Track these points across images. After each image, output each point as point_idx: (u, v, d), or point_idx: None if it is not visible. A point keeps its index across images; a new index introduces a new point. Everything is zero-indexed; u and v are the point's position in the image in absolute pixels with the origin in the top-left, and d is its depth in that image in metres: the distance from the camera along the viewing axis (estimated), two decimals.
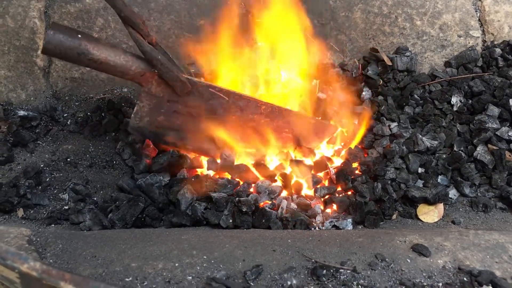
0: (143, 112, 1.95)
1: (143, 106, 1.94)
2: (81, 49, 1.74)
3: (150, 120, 1.97)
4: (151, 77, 1.88)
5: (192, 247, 1.45)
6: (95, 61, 1.78)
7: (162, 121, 1.97)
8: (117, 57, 1.81)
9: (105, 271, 1.34)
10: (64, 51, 1.73)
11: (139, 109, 1.95)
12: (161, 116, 1.96)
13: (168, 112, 1.96)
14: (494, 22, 2.46)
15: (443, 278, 1.35)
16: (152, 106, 1.94)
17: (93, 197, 2.00)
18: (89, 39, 1.77)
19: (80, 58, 1.76)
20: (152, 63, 1.84)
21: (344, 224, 1.82)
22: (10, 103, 2.29)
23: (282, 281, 1.32)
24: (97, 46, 1.77)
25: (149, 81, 1.89)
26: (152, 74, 1.87)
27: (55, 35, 1.71)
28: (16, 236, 1.51)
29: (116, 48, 1.83)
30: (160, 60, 1.83)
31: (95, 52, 1.76)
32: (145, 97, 1.93)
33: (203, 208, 1.83)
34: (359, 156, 2.09)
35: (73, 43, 1.73)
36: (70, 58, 1.77)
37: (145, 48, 1.80)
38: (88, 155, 2.18)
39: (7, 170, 2.08)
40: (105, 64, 1.79)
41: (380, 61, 2.39)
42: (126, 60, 1.82)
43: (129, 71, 1.84)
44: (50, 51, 1.74)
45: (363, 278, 1.33)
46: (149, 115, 1.96)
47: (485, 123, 2.10)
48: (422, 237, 1.51)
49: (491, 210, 1.94)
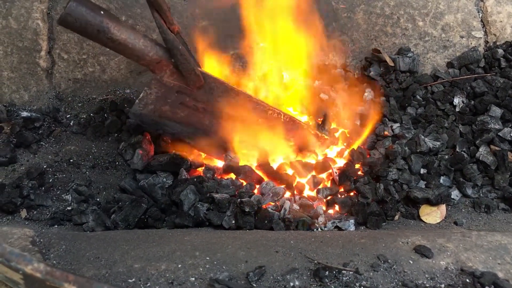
0: (149, 99, 1.93)
1: (150, 94, 1.93)
2: (102, 27, 1.68)
3: (154, 108, 1.95)
4: (166, 66, 1.86)
5: (195, 248, 1.46)
6: (113, 41, 1.73)
7: (166, 111, 1.96)
8: (137, 40, 1.77)
9: (109, 272, 1.34)
10: (84, 26, 1.66)
11: (145, 96, 1.93)
12: (166, 106, 1.95)
13: (174, 103, 1.95)
14: (496, 22, 2.45)
15: (445, 279, 1.35)
16: (159, 94, 1.92)
17: (96, 198, 2.00)
18: (112, 18, 1.72)
19: (99, 36, 1.71)
20: (171, 52, 1.82)
21: (347, 225, 1.82)
22: (13, 104, 2.30)
23: (285, 282, 1.32)
24: (118, 26, 1.72)
25: (163, 70, 1.87)
26: (167, 63, 1.86)
27: (78, 7, 1.64)
28: (20, 237, 1.52)
29: (136, 32, 1.80)
30: (180, 50, 1.81)
31: (115, 31, 1.71)
32: (155, 84, 1.91)
33: (206, 209, 1.83)
34: (361, 157, 2.09)
35: (94, 19, 1.67)
36: (89, 34, 1.71)
37: (168, 36, 1.78)
38: (91, 156, 2.18)
39: (10, 171, 2.09)
40: (123, 45, 1.76)
41: (382, 62, 2.39)
42: (145, 45, 1.79)
43: (146, 57, 1.81)
44: (69, 24, 1.66)
45: (366, 280, 1.33)
46: (154, 103, 1.94)
47: (488, 124, 2.10)
48: (425, 239, 1.51)
49: (493, 211, 1.94)
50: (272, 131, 2.05)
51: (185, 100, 1.95)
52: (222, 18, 2.35)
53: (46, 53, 2.32)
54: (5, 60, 2.28)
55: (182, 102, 1.95)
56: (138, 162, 2.03)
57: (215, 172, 2.02)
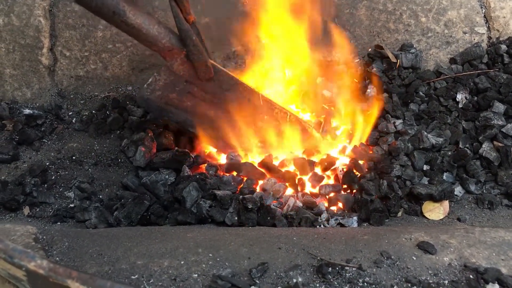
0: (157, 85, 1.94)
1: (159, 80, 1.93)
2: (119, 9, 1.69)
3: (161, 95, 1.96)
4: (177, 54, 1.87)
5: (198, 245, 1.45)
6: (127, 25, 1.74)
7: (173, 98, 1.96)
8: (151, 26, 1.78)
9: (111, 269, 1.34)
10: (100, 6, 1.67)
11: (153, 81, 1.94)
12: (174, 93, 1.96)
13: (182, 92, 1.95)
14: (499, 18, 2.44)
15: (449, 275, 1.34)
16: (168, 82, 1.93)
17: (98, 195, 2.01)
18: (128, 2, 1.73)
19: (114, 18, 1.71)
20: (185, 42, 1.83)
21: (350, 222, 1.81)
22: (16, 101, 2.30)
23: (288, 278, 1.32)
24: (134, 11, 1.73)
25: (174, 57, 1.88)
26: (179, 52, 1.86)
27: None
28: (23, 234, 1.52)
29: (152, 17, 1.81)
30: (194, 41, 1.82)
31: (130, 15, 1.72)
32: (164, 71, 1.92)
33: (208, 206, 1.83)
34: (365, 153, 2.08)
35: (112, 0, 1.67)
36: (104, 15, 1.71)
37: (183, 26, 1.78)
38: (93, 153, 2.18)
39: (12, 168, 2.09)
40: (137, 30, 1.76)
41: (385, 58, 2.38)
42: (159, 32, 1.80)
43: (159, 43, 1.82)
44: (86, 2, 1.67)
45: (369, 276, 1.33)
46: (162, 90, 1.95)
47: (491, 120, 2.09)
48: (428, 235, 1.50)
49: (496, 207, 1.93)
50: (276, 129, 2.05)
51: (193, 90, 1.95)
52: (224, 14, 2.34)
53: (48, 50, 2.31)
54: (7, 57, 2.28)
55: (190, 92, 1.95)
56: (141, 159, 2.03)
57: (217, 169, 2.02)
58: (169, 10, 2.34)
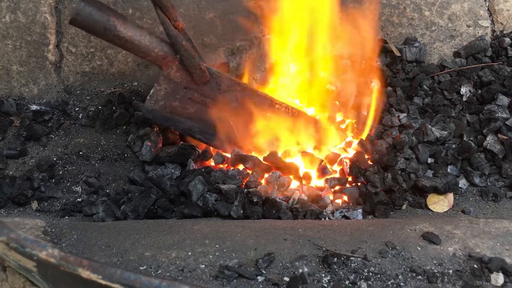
0: (159, 95, 1.97)
1: (160, 90, 1.96)
2: (109, 25, 1.76)
3: (165, 104, 1.99)
4: (172, 62, 1.90)
5: (204, 237, 1.47)
6: (119, 38, 1.80)
7: (176, 106, 1.99)
8: (142, 37, 1.83)
9: (120, 260, 1.36)
10: (92, 24, 1.75)
11: (155, 92, 1.97)
12: (176, 101, 1.99)
13: (183, 99, 1.98)
14: (503, 11, 2.45)
15: (453, 265, 1.36)
16: (168, 90, 1.96)
17: (105, 189, 2.03)
18: (118, 16, 1.79)
19: (106, 33, 1.78)
20: (175, 48, 1.86)
21: (354, 215, 1.83)
22: (23, 97, 2.32)
23: (294, 268, 1.33)
24: (124, 24, 1.79)
25: (169, 65, 1.91)
26: (173, 59, 1.90)
27: (86, 7, 1.73)
28: (32, 227, 1.54)
29: (142, 29, 1.86)
30: (184, 46, 1.85)
31: (121, 29, 1.78)
32: (163, 80, 1.95)
33: (214, 199, 1.84)
34: (370, 147, 2.09)
35: (101, 17, 1.75)
36: (97, 32, 1.79)
37: (171, 32, 1.82)
38: (100, 148, 2.20)
39: (20, 164, 2.11)
40: (129, 42, 1.82)
41: (389, 52, 2.39)
42: (151, 42, 1.85)
43: (152, 53, 1.86)
44: (78, 23, 1.76)
45: (374, 266, 1.34)
46: (164, 99, 1.98)
47: (495, 112, 2.10)
48: (432, 226, 1.52)
49: (501, 200, 1.94)
50: (280, 125, 2.06)
51: (193, 96, 1.99)
52: (228, 9, 2.36)
53: (54, 46, 2.34)
54: (14, 54, 2.30)
55: (190, 98, 1.99)
56: (147, 154, 2.05)
57: (224, 159, 2.04)
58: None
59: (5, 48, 2.30)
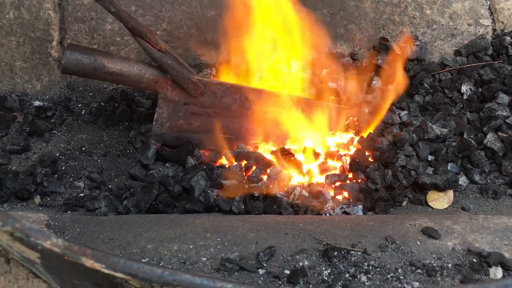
0: (163, 118, 2.02)
1: (162, 112, 2.01)
2: (97, 64, 1.85)
3: (171, 125, 2.03)
4: (165, 83, 1.96)
5: (206, 230, 1.49)
6: (110, 74, 1.88)
7: (182, 124, 2.04)
8: (131, 67, 1.90)
9: (122, 253, 1.38)
10: (82, 68, 1.85)
11: (159, 116, 2.02)
12: (180, 119, 2.03)
13: (186, 115, 2.03)
14: (504, 10, 2.46)
15: (452, 259, 1.37)
16: (170, 111, 2.01)
17: (108, 184, 2.04)
18: (103, 54, 1.89)
19: (97, 73, 1.87)
20: (163, 68, 1.92)
21: (355, 211, 1.84)
22: (26, 93, 2.34)
23: (294, 262, 1.35)
24: (111, 60, 1.88)
25: (164, 87, 1.97)
26: (165, 80, 1.95)
27: (72, 54, 1.83)
28: (35, 221, 1.56)
29: (128, 60, 1.95)
30: (170, 65, 1.90)
31: (110, 65, 1.87)
32: (162, 103, 2.00)
33: (215, 195, 1.86)
34: (371, 144, 2.10)
35: (89, 59, 1.84)
36: (88, 74, 1.88)
37: (155, 55, 1.87)
38: (102, 144, 2.22)
39: (23, 159, 2.13)
40: (120, 75, 1.89)
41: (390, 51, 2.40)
42: (140, 69, 1.91)
43: (143, 79, 1.92)
44: (69, 70, 1.87)
45: (374, 260, 1.36)
46: (169, 120, 2.03)
47: (495, 111, 2.11)
48: (432, 221, 1.53)
49: (501, 197, 1.95)
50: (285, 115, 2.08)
51: (194, 110, 2.03)
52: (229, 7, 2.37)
53: (58, 43, 2.35)
54: (18, 50, 2.32)
55: (192, 112, 2.03)
56: (152, 159, 2.04)
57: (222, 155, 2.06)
58: (176, 3, 2.38)
59: (8, 45, 2.31)
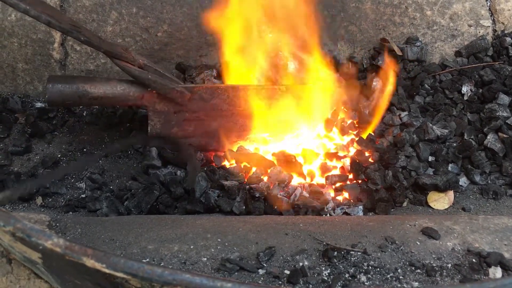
0: (157, 129, 2.04)
1: (155, 124, 2.03)
2: (80, 92, 1.88)
3: (166, 134, 2.05)
4: (151, 97, 1.98)
5: (206, 231, 1.49)
6: (95, 99, 1.91)
7: (177, 132, 2.05)
8: (114, 88, 1.93)
9: (123, 253, 1.39)
10: (66, 98, 1.88)
11: (152, 128, 2.03)
12: (174, 128, 2.05)
13: (179, 123, 2.05)
14: (504, 11, 2.46)
15: (452, 259, 1.37)
16: (162, 121, 2.03)
17: (109, 185, 2.05)
18: (85, 80, 1.92)
19: (82, 100, 1.90)
20: (145, 84, 1.93)
21: (355, 211, 1.85)
22: (28, 95, 2.35)
23: (294, 262, 1.35)
24: (93, 84, 1.90)
25: (150, 101, 1.98)
26: (151, 94, 1.97)
27: (54, 86, 1.86)
28: (37, 221, 1.56)
29: (110, 80, 1.97)
30: (152, 79, 1.91)
31: (93, 90, 1.89)
32: (153, 115, 2.02)
33: (216, 196, 1.86)
34: (370, 145, 2.11)
35: (71, 88, 1.88)
36: (74, 102, 1.94)
37: (134, 73, 1.89)
38: (104, 145, 2.23)
39: (25, 160, 2.14)
40: (105, 98, 1.93)
41: (391, 51, 2.41)
42: (123, 89, 1.94)
43: (129, 97, 1.95)
44: (55, 102, 1.91)
45: (373, 260, 1.36)
46: (163, 131, 2.04)
47: (496, 111, 2.11)
48: (432, 221, 1.53)
49: (501, 197, 1.96)
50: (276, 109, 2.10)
51: (185, 116, 2.04)
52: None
53: (59, 45, 2.36)
54: (20, 52, 2.33)
55: (184, 119, 2.05)
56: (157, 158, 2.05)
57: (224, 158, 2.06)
58: (177, 5, 2.38)
59: (10, 46, 2.32)
